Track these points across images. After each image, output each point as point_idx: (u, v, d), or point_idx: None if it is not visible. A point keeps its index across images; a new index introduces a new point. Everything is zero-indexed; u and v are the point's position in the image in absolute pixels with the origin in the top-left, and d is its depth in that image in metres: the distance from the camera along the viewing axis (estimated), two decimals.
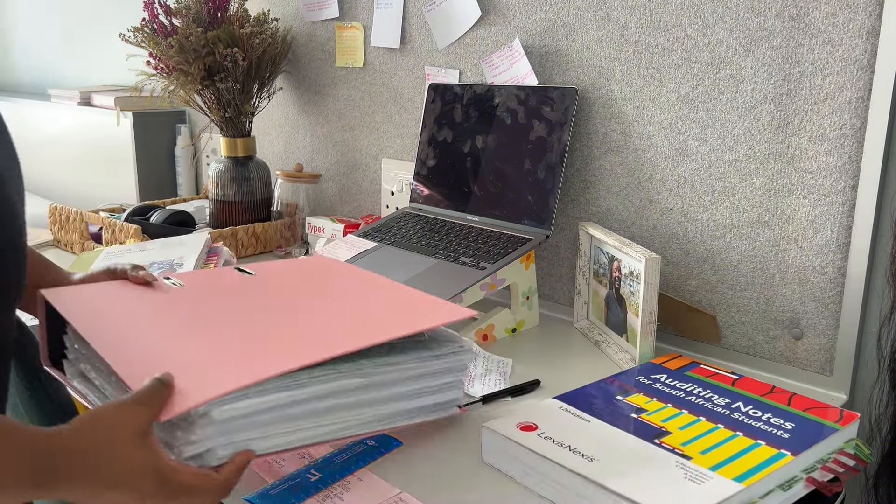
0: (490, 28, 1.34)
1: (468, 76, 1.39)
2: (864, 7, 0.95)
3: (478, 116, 1.33)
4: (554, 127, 1.22)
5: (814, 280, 1.04)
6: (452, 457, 0.83)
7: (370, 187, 1.64)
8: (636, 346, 1.06)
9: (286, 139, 1.82)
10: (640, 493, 0.68)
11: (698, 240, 1.14)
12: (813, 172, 1.02)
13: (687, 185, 1.14)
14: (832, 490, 0.78)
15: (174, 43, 1.52)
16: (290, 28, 1.72)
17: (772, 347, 1.09)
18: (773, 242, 1.07)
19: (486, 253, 1.17)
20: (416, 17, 1.46)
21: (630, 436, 0.80)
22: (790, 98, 1.02)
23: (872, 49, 0.95)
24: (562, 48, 1.25)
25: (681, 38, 1.11)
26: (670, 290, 1.17)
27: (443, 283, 1.12)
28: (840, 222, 1.01)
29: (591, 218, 1.25)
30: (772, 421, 0.83)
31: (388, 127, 1.56)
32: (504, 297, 1.22)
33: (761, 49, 1.04)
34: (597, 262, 1.18)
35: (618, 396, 0.90)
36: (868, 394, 1.04)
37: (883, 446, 1.02)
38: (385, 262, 1.22)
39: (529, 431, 0.80)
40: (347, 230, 1.51)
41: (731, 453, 0.76)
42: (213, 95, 1.62)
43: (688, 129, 1.12)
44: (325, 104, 1.69)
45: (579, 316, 1.23)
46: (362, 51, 1.57)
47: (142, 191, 2.06)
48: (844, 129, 0.98)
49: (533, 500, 0.76)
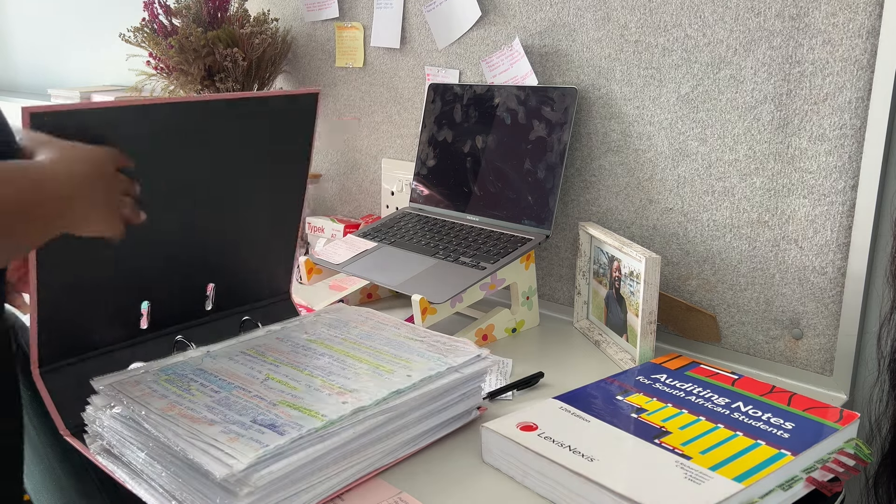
0: (490, 28, 1.34)
1: (468, 76, 1.39)
2: (864, 7, 0.95)
3: (478, 116, 1.33)
4: (554, 127, 1.22)
5: (814, 280, 1.04)
6: (452, 457, 0.83)
7: (370, 187, 1.64)
8: (636, 346, 1.06)
9: None
10: (640, 493, 0.68)
11: (698, 240, 1.14)
12: (813, 172, 1.02)
13: (687, 185, 1.14)
14: (832, 490, 0.78)
15: (174, 43, 1.52)
16: (290, 28, 1.72)
17: (772, 347, 1.09)
18: (773, 242, 1.07)
19: (486, 253, 1.17)
20: (416, 17, 1.46)
21: (630, 436, 0.80)
22: (790, 98, 1.02)
23: (872, 49, 0.95)
24: (562, 48, 1.25)
25: (681, 38, 1.11)
26: (670, 290, 1.17)
27: (443, 283, 1.12)
28: (840, 222, 1.01)
29: (591, 218, 1.25)
30: (772, 421, 0.83)
31: (388, 127, 1.56)
32: (504, 297, 1.22)
33: (761, 49, 1.04)
34: (597, 262, 1.18)
35: (618, 396, 0.90)
36: (868, 394, 1.03)
37: (883, 446, 1.02)
38: (385, 262, 1.22)
39: (529, 431, 0.80)
40: (347, 230, 1.51)
41: (731, 453, 0.76)
42: None
43: (688, 129, 1.12)
44: (325, 104, 1.69)
45: (579, 316, 1.23)
46: (362, 51, 1.57)
47: None
48: (844, 129, 0.98)
49: (533, 500, 0.76)
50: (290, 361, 0.86)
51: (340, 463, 0.74)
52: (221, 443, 0.68)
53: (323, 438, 0.72)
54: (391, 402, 0.78)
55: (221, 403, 0.76)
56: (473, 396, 0.89)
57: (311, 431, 0.71)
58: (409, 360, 0.86)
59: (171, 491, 0.71)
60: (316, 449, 0.71)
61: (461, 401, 0.87)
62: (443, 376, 0.84)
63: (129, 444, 0.76)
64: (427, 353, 0.88)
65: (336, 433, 0.73)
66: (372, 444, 0.77)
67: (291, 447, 0.69)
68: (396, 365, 0.85)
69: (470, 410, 0.89)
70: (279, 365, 0.85)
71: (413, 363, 0.85)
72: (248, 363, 0.85)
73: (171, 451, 0.71)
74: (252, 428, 0.71)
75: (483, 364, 0.88)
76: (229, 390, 0.78)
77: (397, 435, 0.80)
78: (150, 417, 0.73)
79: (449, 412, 0.86)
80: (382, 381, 0.81)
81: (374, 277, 1.18)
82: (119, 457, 0.77)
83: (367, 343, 0.92)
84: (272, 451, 0.68)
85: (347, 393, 0.78)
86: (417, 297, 1.08)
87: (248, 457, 0.66)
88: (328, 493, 0.74)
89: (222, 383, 0.80)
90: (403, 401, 0.79)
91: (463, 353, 0.88)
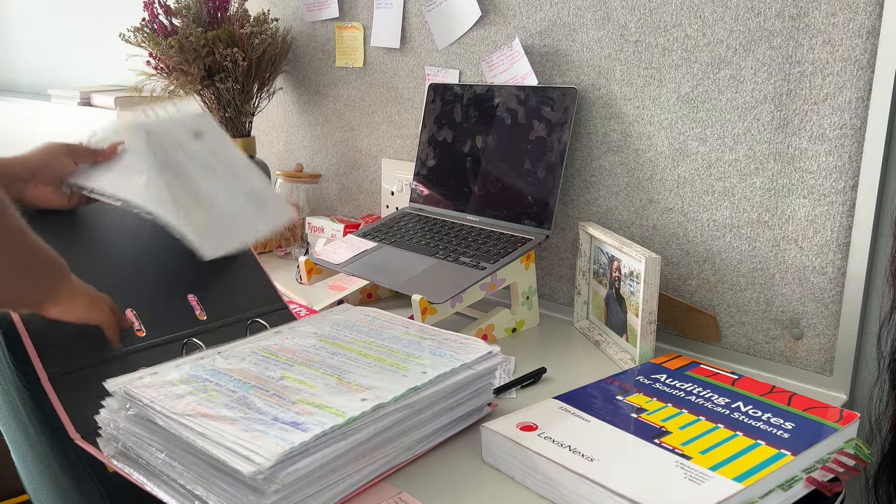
0: (490, 28, 1.34)
1: (468, 76, 1.39)
2: (864, 7, 0.95)
3: (478, 116, 1.33)
4: (554, 127, 1.22)
5: (814, 280, 1.04)
6: (452, 457, 0.83)
7: (370, 187, 1.64)
8: (636, 346, 1.06)
9: (286, 139, 1.82)
10: (640, 493, 0.68)
11: (698, 240, 1.14)
12: (813, 172, 1.02)
13: (687, 185, 1.14)
14: (832, 490, 0.78)
15: (174, 43, 1.52)
16: (290, 28, 1.72)
17: (772, 347, 1.09)
18: (773, 242, 1.07)
19: (486, 253, 1.17)
20: (416, 17, 1.46)
21: (630, 436, 0.80)
22: (790, 98, 1.02)
23: (872, 49, 0.95)
24: (562, 48, 1.25)
25: (681, 38, 1.11)
26: (670, 290, 1.17)
27: (443, 283, 1.12)
28: (840, 222, 1.01)
29: (591, 218, 1.25)
30: (772, 421, 0.83)
31: (388, 127, 1.56)
32: (504, 297, 1.22)
33: (761, 49, 1.04)
34: (597, 262, 1.18)
35: (618, 396, 0.90)
36: (868, 394, 1.04)
37: (883, 446, 1.02)
38: (385, 262, 1.22)
39: (529, 431, 0.80)
40: (347, 230, 1.51)
41: (731, 453, 0.76)
42: (213, 95, 1.61)
43: (688, 129, 1.12)
44: (325, 104, 1.69)
45: (579, 316, 1.23)
46: (362, 51, 1.57)
47: None
48: (844, 129, 0.98)
49: (533, 500, 0.76)
50: (303, 361, 0.85)
51: (355, 463, 0.74)
52: (246, 440, 0.68)
53: (346, 435, 0.71)
54: (409, 398, 0.78)
55: (240, 402, 0.75)
56: (484, 393, 0.89)
57: (334, 428, 0.70)
58: (422, 358, 0.86)
59: (193, 490, 0.71)
60: (339, 446, 0.71)
61: (473, 398, 0.87)
62: (457, 373, 0.84)
63: (146, 445, 0.75)
64: (439, 350, 0.88)
65: (358, 430, 0.73)
66: (388, 442, 0.77)
67: (316, 444, 0.69)
68: (410, 363, 0.85)
69: (481, 407, 0.90)
70: (293, 364, 0.85)
71: (426, 360, 0.85)
72: (261, 363, 0.85)
73: (193, 450, 0.70)
74: (274, 426, 0.70)
75: (494, 361, 0.88)
76: (246, 390, 0.78)
77: (412, 433, 0.80)
78: (169, 418, 0.73)
79: (461, 409, 0.86)
80: (398, 378, 0.81)
81: (374, 277, 1.18)
82: (136, 459, 0.77)
83: (378, 342, 0.91)
84: (298, 448, 0.67)
85: (365, 390, 0.78)
86: (417, 297, 1.08)
87: (275, 454, 0.65)
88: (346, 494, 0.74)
89: (238, 383, 0.79)
90: (421, 397, 0.79)
91: (474, 350, 0.88)
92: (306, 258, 1.28)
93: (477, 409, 0.89)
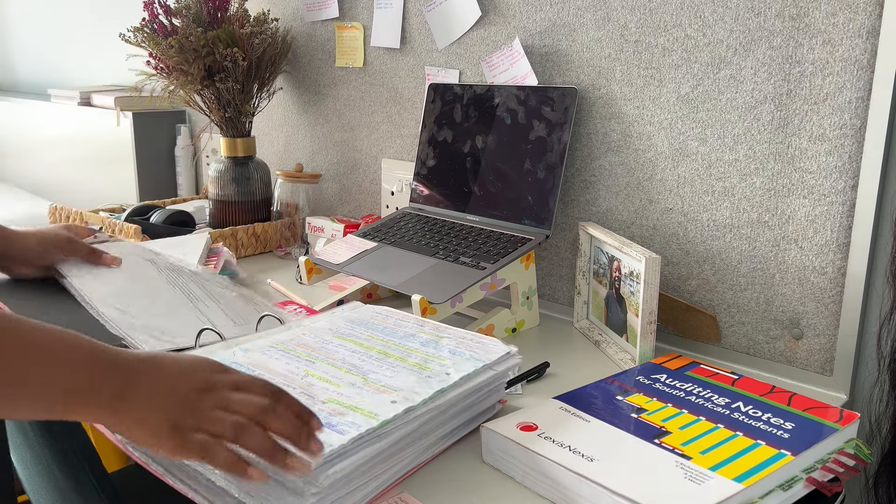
0: (490, 28, 1.34)
1: (468, 76, 1.39)
2: (864, 7, 0.95)
3: (478, 116, 1.32)
4: (554, 127, 1.22)
5: (814, 280, 1.04)
6: (452, 457, 0.83)
7: (370, 187, 1.64)
8: (636, 346, 1.06)
9: (286, 139, 1.82)
10: (640, 493, 0.68)
11: (698, 240, 1.14)
12: (813, 172, 1.02)
13: (687, 185, 1.14)
14: (832, 490, 0.78)
15: (174, 43, 1.52)
16: (290, 28, 1.72)
17: (772, 347, 1.09)
18: (773, 242, 1.07)
19: (486, 253, 1.17)
20: (416, 17, 1.45)
21: (630, 436, 0.80)
22: (790, 98, 1.02)
23: (872, 49, 0.95)
24: (562, 48, 1.25)
25: (681, 38, 1.11)
26: (670, 290, 1.17)
27: (443, 283, 1.12)
28: (840, 222, 1.01)
29: (591, 218, 1.25)
30: (772, 421, 0.83)
31: (388, 127, 1.56)
32: (504, 297, 1.22)
33: (761, 49, 1.04)
34: (597, 262, 1.18)
35: (618, 396, 0.90)
36: (868, 394, 1.03)
37: (883, 446, 1.02)
38: (385, 262, 1.22)
39: (529, 431, 0.80)
40: (347, 230, 1.51)
41: (731, 453, 0.76)
42: (213, 95, 1.61)
43: (688, 129, 1.12)
44: (325, 104, 1.69)
45: (579, 316, 1.23)
46: (362, 51, 1.57)
47: (142, 191, 2.06)
48: (844, 129, 0.98)
49: (533, 500, 0.76)
50: (323, 358, 0.85)
51: (382, 465, 0.74)
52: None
53: (380, 438, 0.71)
54: (437, 400, 0.78)
55: None
56: (497, 392, 0.89)
57: (369, 431, 0.70)
58: (442, 359, 0.86)
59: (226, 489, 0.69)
60: (373, 449, 0.70)
61: (487, 396, 0.87)
62: (479, 374, 0.84)
63: None
64: (458, 350, 0.88)
65: (390, 433, 0.72)
66: (412, 444, 0.77)
67: (353, 447, 0.68)
68: (432, 363, 0.85)
69: (493, 405, 0.89)
70: (314, 361, 0.84)
71: (447, 361, 0.85)
72: (282, 358, 0.84)
73: None
74: None
75: (513, 361, 0.88)
76: None
77: (433, 433, 0.80)
78: None
79: (476, 408, 0.86)
80: (423, 379, 0.80)
81: (374, 277, 1.18)
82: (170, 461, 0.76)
83: (395, 340, 0.91)
84: (337, 450, 0.67)
85: (392, 391, 0.77)
86: (417, 297, 1.08)
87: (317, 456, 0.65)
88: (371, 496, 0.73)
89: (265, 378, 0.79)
90: (446, 399, 0.79)
91: (493, 351, 0.88)
92: (306, 258, 1.28)
93: (490, 407, 0.89)
